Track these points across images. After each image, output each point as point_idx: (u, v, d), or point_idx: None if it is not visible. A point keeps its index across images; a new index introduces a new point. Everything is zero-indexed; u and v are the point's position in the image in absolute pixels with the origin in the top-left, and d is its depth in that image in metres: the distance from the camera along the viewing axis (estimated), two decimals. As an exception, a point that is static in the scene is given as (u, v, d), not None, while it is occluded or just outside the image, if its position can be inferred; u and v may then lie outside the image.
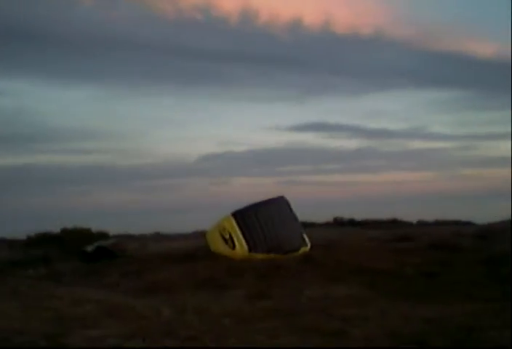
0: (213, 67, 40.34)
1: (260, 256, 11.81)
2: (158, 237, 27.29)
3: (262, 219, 12.95)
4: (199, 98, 43.93)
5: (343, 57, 40.38)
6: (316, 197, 38.86)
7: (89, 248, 13.80)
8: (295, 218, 14.02)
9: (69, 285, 10.28)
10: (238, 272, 9.55)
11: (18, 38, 34.14)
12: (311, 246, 13.20)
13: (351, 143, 49.65)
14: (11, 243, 20.74)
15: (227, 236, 12.57)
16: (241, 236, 12.52)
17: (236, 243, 12.40)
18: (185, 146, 45.77)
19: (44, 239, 15.00)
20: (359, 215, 32.66)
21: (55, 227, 15.97)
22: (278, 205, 13.46)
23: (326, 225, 32.09)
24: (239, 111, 45.92)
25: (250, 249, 12.40)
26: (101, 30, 35.94)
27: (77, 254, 13.92)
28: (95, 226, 17.31)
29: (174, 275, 9.92)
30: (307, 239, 13.44)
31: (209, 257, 11.52)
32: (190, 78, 41.18)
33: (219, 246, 12.52)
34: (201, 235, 26.87)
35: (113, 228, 23.71)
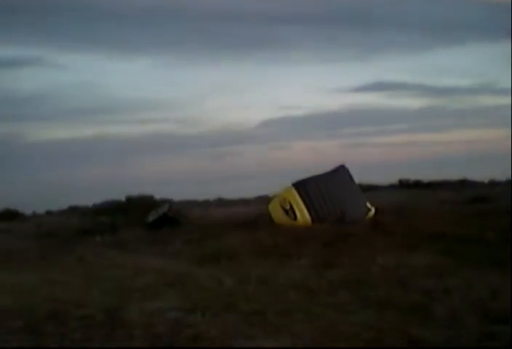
0: (270, 31, 38.87)
1: (323, 225, 11.20)
2: (220, 203, 27.25)
3: (324, 189, 12.31)
4: (258, 63, 42.71)
5: (407, 11, 37.70)
6: (381, 159, 37.33)
7: (151, 218, 13.65)
8: (357, 187, 13.41)
9: (133, 253, 10.08)
10: (302, 240, 8.97)
11: (73, 13, 34.21)
12: (377, 211, 12.43)
13: (417, 102, 46.79)
14: (81, 211, 21.18)
15: (287, 207, 11.99)
16: (302, 206, 11.91)
17: (298, 213, 11.80)
18: (245, 112, 44.94)
19: (110, 207, 15.03)
20: (426, 176, 31.16)
21: (121, 196, 16.00)
22: (340, 175, 12.79)
23: (391, 187, 30.90)
24: (299, 74, 44.15)
25: (313, 220, 11.80)
26: (153, 1, 35.37)
27: (141, 222, 13.84)
28: (159, 194, 17.25)
29: (236, 242, 9.46)
30: (370, 205, 12.66)
31: (272, 225, 11.04)
32: (248, 43, 39.99)
33: (280, 217, 11.93)
34: (263, 200, 26.48)
35: (177, 195, 23.77)
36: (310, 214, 11.93)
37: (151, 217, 13.69)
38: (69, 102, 40.00)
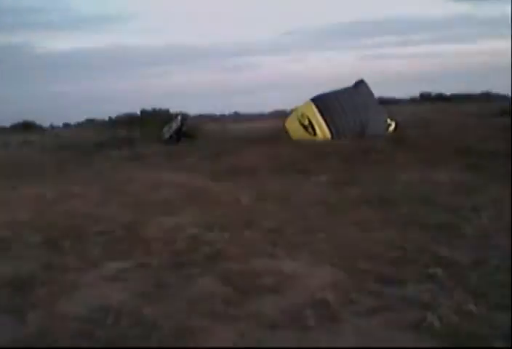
0: None
1: (343, 140, 10.87)
2: (237, 117, 26.82)
3: (344, 103, 11.86)
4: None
5: None
6: (401, 71, 35.95)
7: (166, 134, 13.38)
8: (376, 101, 12.99)
9: (150, 167, 9.94)
10: (321, 156, 8.68)
11: None
12: (398, 126, 12.04)
13: (442, 9, 43.74)
14: (98, 124, 21.02)
15: (306, 123, 11.63)
16: (322, 121, 11.55)
17: (317, 128, 11.46)
18: (262, 24, 42.92)
19: (126, 120, 14.74)
20: (448, 89, 30.10)
21: (137, 109, 15.64)
22: (359, 89, 12.29)
23: (412, 101, 30.06)
24: None
25: (333, 135, 11.49)
26: None
27: (156, 136, 13.61)
28: (174, 107, 16.84)
29: (254, 158, 9.23)
30: (390, 120, 12.26)
31: (290, 141, 10.73)
32: None
33: (298, 133, 11.63)
34: (281, 114, 26.13)
35: (193, 109, 23.34)
36: (330, 129, 11.62)
37: (166, 134, 13.44)
38: (83, 10, 38.37)
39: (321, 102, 11.95)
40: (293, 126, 11.97)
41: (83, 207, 6.56)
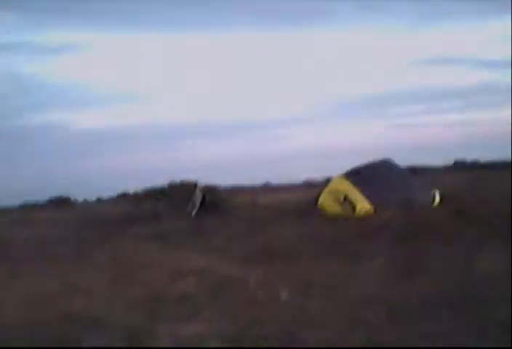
0: (320, 5, 36.27)
1: (389, 212, 9.35)
2: (267, 188, 25.59)
3: (380, 176, 10.59)
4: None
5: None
6: (433, 139, 34.58)
7: (193, 211, 12.17)
8: (409, 174, 11.78)
9: (173, 247, 8.60)
10: (370, 233, 7.17)
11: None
12: (444, 198, 10.49)
13: (470, 77, 42.43)
14: (128, 199, 20.03)
15: (341, 199, 10.19)
16: (360, 195, 10.04)
17: (357, 203, 9.93)
18: (292, 94, 42.78)
19: (154, 194, 13.67)
20: (482, 157, 28.49)
21: (165, 182, 14.61)
22: (388, 164, 11.17)
23: (447, 169, 28.42)
24: (347, 48, 41.31)
25: (375, 209, 9.90)
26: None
27: (183, 209, 12.40)
28: (204, 180, 15.74)
29: (291, 236, 7.78)
30: (434, 191, 10.76)
31: (328, 216, 9.27)
32: (300, 14, 37.55)
33: (334, 209, 10.13)
34: (312, 184, 24.85)
35: (222, 180, 22.28)
36: (371, 201, 10.06)
37: (192, 210, 12.22)
38: (118, 88, 39.10)
39: (355, 177, 10.56)
40: (328, 203, 10.43)
41: (84, 307, 5.16)
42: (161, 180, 15.50)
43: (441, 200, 10.49)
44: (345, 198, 10.17)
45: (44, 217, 16.65)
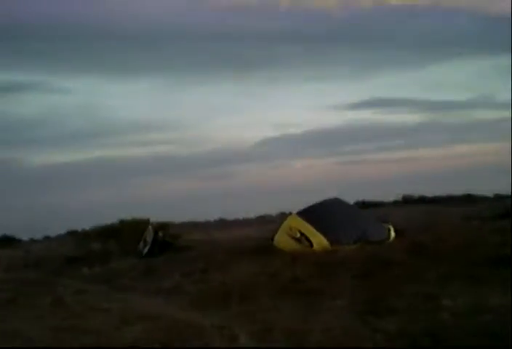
0: (267, 50, 37.17)
1: (347, 248, 9.11)
2: (222, 224, 25.09)
3: (333, 213, 10.43)
4: (255, 82, 40.75)
5: (398, 28, 36.14)
6: (380, 175, 35.30)
7: (144, 249, 11.56)
8: (361, 210, 11.70)
9: (122, 290, 8.00)
10: (329, 270, 6.87)
11: (73, 37, 32.57)
12: (398, 231, 10.40)
13: (413, 117, 44.30)
14: (77, 237, 18.99)
15: (297, 235, 9.86)
16: (315, 231, 9.74)
17: (312, 239, 9.52)
18: (243, 131, 42.95)
19: (102, 232, 12.91)
20: (428, 192, 29.24)
21: (116, 220, 13.85)
22: (339, 202, 11.01)
23: (396, 204, 28.92)
24: (294, 92, 42.13)
25: (332, 242, 9.62)
26: (154, 21, 33.70)
27: (135, 248, 11.75)
28: (157, 217, 15.13)
29: (247, 274, 7.37)
30: (387, 225, 10.71)
31: (285, 252, 8.90)
32: (246, 63, 38.20)
33: (291, 246, 9.62)
34: (266, 221, 24.51)
35: (176, 217, 21.65)
36: (327, 237, 9.76)
37: (143, 249, 11.59)
38: (70, 125, 38.10)
39: (307, 214, 10.28)
40: (283, 240, 9.99)
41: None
42: (111, 218, 14.79)
43: (395, 234, 10.40)
44: (301, 234, 9.86)
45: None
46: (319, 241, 9.52)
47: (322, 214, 10.32)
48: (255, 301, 5.99)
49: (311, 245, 9.53)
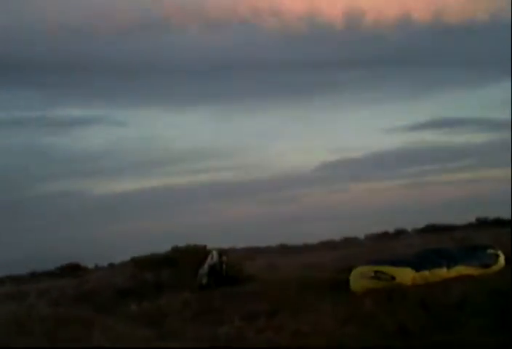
0: (320, 77, 35.45)
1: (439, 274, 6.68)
2: (284, 249, 22.88)
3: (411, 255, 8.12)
4: (309, 109, 38.97)
5: (457, 48, 33.41)
6: (447, 197, 31.97)
7: (203, 279, 9.58)
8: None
9: (170, 336, 6.05)
10: (442, 312, 4.58)
11: (129, 70, 32.31)
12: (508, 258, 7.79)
13: (474, 137, 40.51)
14: (130, 266, 17.40)
15: (372, 274, 7.27)
16: (393, 267, 7.25)
17: (394, 273, 7.03)
18: (302, 156, 40.84)
19: (155, 261, 11.12)
20: (502, 214, 25.80)
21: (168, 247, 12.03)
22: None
23: (469, 226, 25.68)
24: (351, 116, 39.73)
25: (417, 269, 7.09)
26: (208, 53, 32.91)
27: (190, 279, 9.81)
28: (216, 244, 13.19)
29: (330, 318, 5.21)
30: (493, 251, 8.03)
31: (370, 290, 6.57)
32: (300, 90, 36.57)
33: (368, 284, 7.20)
34: (329, 246, 22.12)
35: (236, 244, 19.75)
36: (409, 265, 7.21)
37: (203, 278, 9.61)
38: (130, 156, 37.61)
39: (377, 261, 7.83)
40: (359, 285, 7.44)
41: None
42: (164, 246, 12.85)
43: (506, 260, 7.80)
44: (376, 272, 7.26)
45: (39, 289, 14.08)
46: (403, 272, 6.96)
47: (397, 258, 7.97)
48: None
49: (393, 277, 6.98)
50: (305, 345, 4.41)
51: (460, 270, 6.53)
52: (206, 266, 9.63)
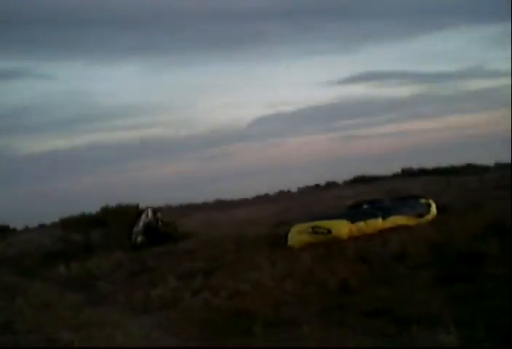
0: (254, 27, 34.21)
1: (375, 225, 6.53)
2: (220, 205, 22.68)
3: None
4: (245, 60, 37.79)
5: (386, 0, 33.26)
6: (375, 150, 32.89)
7: (138, 237, 9.06)
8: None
9: (100, 300, 5.61)
10: (392, 265, 4.46)
11: (56, 21, 29.51)
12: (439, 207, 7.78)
13: (405, 90, 41.14)
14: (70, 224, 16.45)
15: (309, 230, 7.00)
16: (329, 221, 6.96)
17: (329, 226, 6.71)
18: (236, 111, 40.06)
19: (84, 222, 10.41)
20: (426, 164, 26.91)
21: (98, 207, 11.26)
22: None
23: (396, 176, 26.63)
24: (286, 69, 39.01)
25: (352, 221, 6.86)
26: (138, 3, 30.63)
27: (121, 239, 9.28)
28: (150, 201, 12.55)
29: (268, 276, 4.98)
30: (427, 200, 7.97)
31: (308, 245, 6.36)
32: (234, 41, 35.25)
33: (306, 239, 6.71)
34: (264, 200, 22.15)
35: (171, 200, 19.23)
36: (345, 218, 6.98)
37: (137, 237, 9.09)
38: (58, 112, 35.18)
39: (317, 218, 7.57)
40: (295, 237, 6.81)
41: None
42: (100, 205, 12.01)
43: (439, 209, 7.75)
44: (315, 226, 6.97)
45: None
46: (339, 225, 6.70)
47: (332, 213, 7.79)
48: (293, 328, 3.58)
49: (329, 231, 6.70)
50: (243, 306, 4.14)
51: (395, 220, 6.49)
52: (140, 224, 9.11)
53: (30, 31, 29.88)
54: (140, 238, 9.25)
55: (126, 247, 8.91)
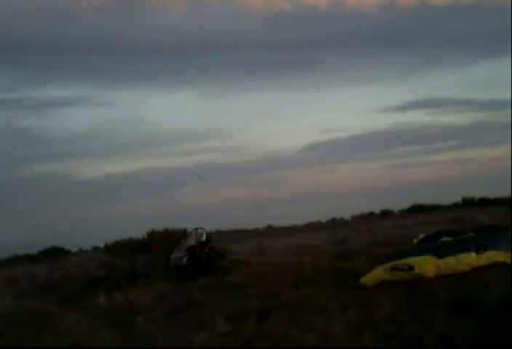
0: (309, 55, 33.70)
1: (468, 261, 5.24)
2: (271, 231, 21.59)
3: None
4: (297, 88, 37.20)
5: (443, 28, 31.93)
6: (432, 178, 30.92)
7: (180, 260, 8.07)
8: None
9: (137, 343, 4.66)
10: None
11: (116, 51, 30.27)
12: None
13: (463, 117, 38.62)
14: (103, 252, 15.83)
15: (388, 267, 5.65)
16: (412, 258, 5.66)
17: (412, 262, 5.44)
18: (288, 137, 39.21)
19: (128, 246, 9.62)
20: (487, 193, 24.77)
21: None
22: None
23: (454, 206, 24.58)
24: (339, 96, 37.68)
25: (440, 256, 5.56)
26: (194, 33, 30.97)
27: (165, 268, 8.32)
28: (203, 227, 11.55)
29: (340, 326, 3.85)
30: None
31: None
32: (288, 69, 34.79)
33: (381, 276, 5.42)
34: (317, 227, 20.82)
35: (222, 226, 18.38)
36: (430, 253, 5.69)
37: (180, 260, 8.06)
38: (116, 138, 35.75)
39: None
40: (368, 276, 5.81)
41: None
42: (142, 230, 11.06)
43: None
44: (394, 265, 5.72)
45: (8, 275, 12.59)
46: (423, 261, 5.41)
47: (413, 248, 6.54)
48: None
49: (411, 268, 5.44)
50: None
51: (491, 256, 5.19)
52: (181, 245, 8.12)
53: (90, 60, 30.76)
54: (183, 260, 8.08)
55: (171, 274, 7.98)
